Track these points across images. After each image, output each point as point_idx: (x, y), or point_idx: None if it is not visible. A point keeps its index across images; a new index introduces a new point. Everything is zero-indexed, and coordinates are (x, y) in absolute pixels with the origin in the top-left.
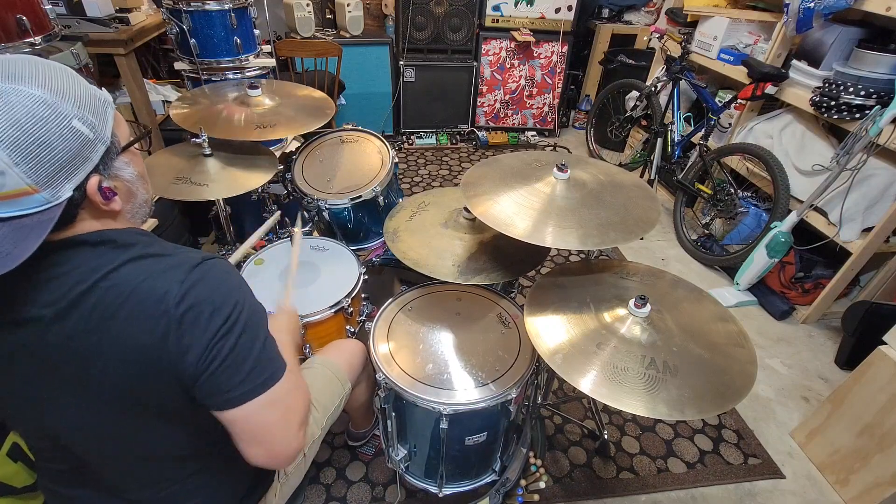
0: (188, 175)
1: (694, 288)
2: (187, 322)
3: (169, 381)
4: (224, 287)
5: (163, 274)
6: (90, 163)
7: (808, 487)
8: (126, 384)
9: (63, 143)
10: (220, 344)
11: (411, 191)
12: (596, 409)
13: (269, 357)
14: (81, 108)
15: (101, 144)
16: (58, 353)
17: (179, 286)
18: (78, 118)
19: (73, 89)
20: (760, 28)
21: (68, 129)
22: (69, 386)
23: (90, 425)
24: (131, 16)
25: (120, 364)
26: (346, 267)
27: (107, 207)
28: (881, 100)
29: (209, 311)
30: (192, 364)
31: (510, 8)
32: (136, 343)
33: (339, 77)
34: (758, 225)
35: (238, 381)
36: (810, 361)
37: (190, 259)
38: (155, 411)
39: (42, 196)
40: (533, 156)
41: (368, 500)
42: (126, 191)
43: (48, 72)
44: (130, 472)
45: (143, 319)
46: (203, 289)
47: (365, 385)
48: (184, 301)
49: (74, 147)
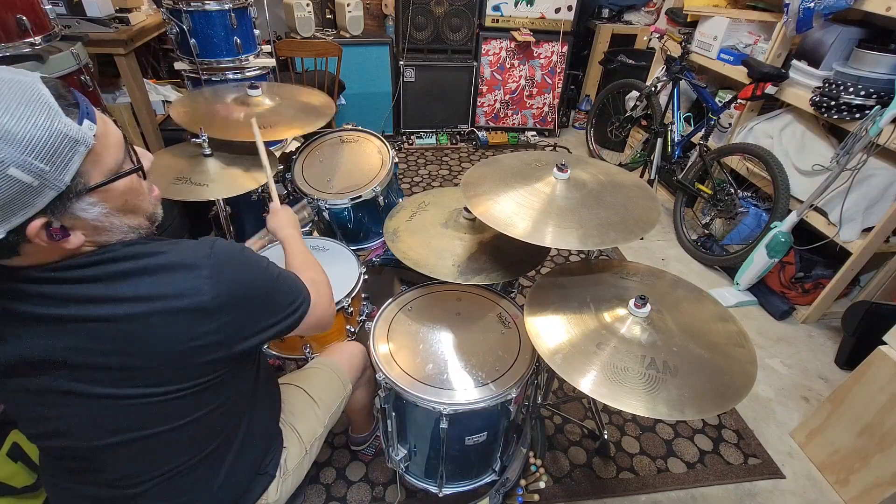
0: (188, 175)
1: (694, 288)
2: (226, 312)
3: (211, 360)
4: (244, 266)
5: (184, 271)
6: (32, 208)
7: (808, 487)
8: (159, 375)
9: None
10: (263, 320)
11: (411, 191)
12: (596, 409)
13: (297, 290)
14: (28, 153)
15: (51, 190)
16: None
17: (207, 282)
18: (17, 165)
19: (23, 130)
20: (760, 28)
21: (1, 178)
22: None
23: (104, 422)
24: (131, 16)
25: (157, 362)
26: (346, 267)
27: (55, 245)
28: (881, 100)
29: (244, 294)
30: (245, 342)
31: (510, 8)
32: (175, 341)
33: (339, 77)
34: (758, 225)
35: (287, 324)
36: (810, 361)
37: (199, 250)
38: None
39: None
40: (533, 156)
41: (368, 500)
42: (91, 227)
43: (1, 106)
44: (133, 467)
45: (177, 321)
46: (229, 275)
47: (365, 388)
48: (219, 296)
49: (8, 195)
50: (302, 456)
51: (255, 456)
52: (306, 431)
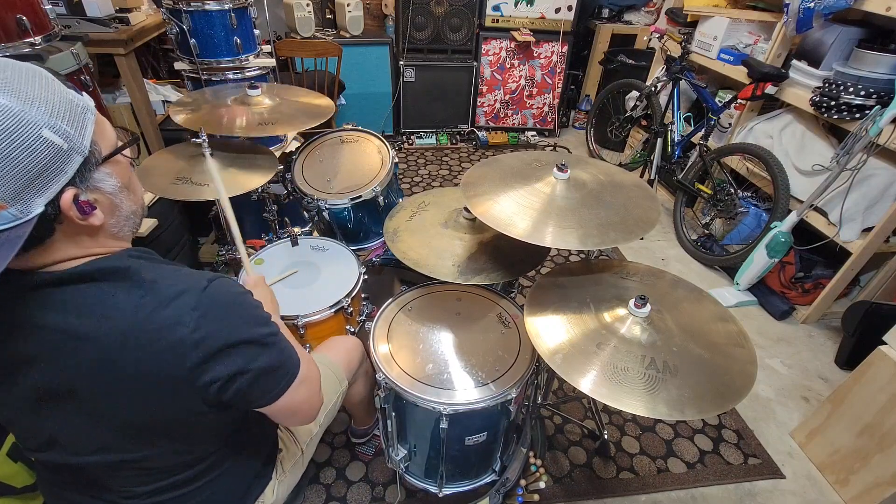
0: (188, 175)
1: (694, 288)
2: (207, 353)
3: (188, 402)
4: (235, 311)
5: (171, 303)
6: (64, 175)
7: (808, 487)
8: (139, 412)
9: (31, 155)
10: (244, 371)
11: (411, 191)
12: (596, 409)
13: (287, 354)
14: (54, 115)
15: (78, 155)
16: (69, 383)
17: (192, 314)
18: (49, 127)
19: (44, 95)
20: (760, 28)
21: (37, 140)
22: (80, 414)
23: (94, 444)
24: (131, 16)
25: (135, 394)
26: (346, 267)
27: (84, 223)
28: (881, 100)
29: (227, 339)
30: (219, 390)
31: (510, 8)
32: (153, 376)
33: (339, 77)
34: (758, 225)
35: (269, 389)
36: (810, 361)
37: (195, 283)
38: (162, 431)
39: (9, 213)
40: (533, 156)
41: (368, 500)
42: (108, 204)
43: (15, 76)
44: (130, 481)
45: (158, 352)
46: (215, 316)
47: (363, 381)
48: (198, 331)
49: (44, 159)
50: (298, 456)
51: (253, 462)
52: (301, 432)
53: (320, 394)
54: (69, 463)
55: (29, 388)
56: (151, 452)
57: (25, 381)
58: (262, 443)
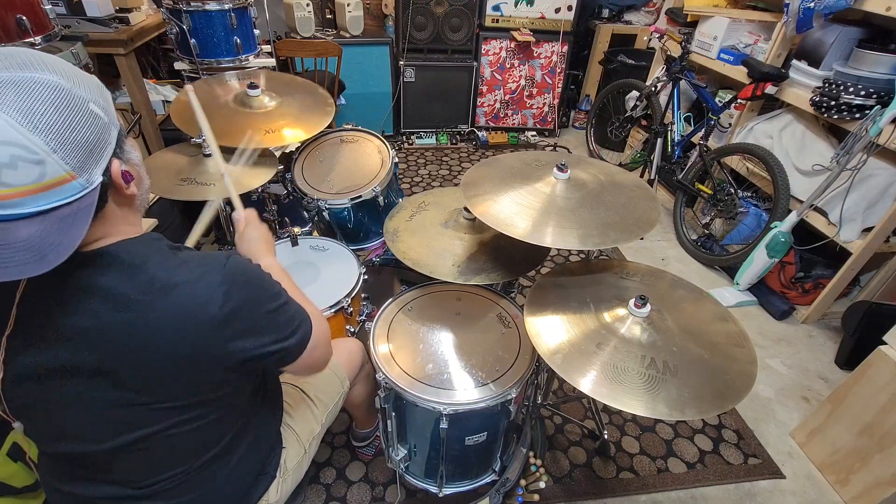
0: (189, 175)
1: (694, 288)
2: (236, 325)
3: (214, 375)
4: (255, 283)
5: (199, 280)
6: (110, 146)
7: (808, 487)
8: (166, 386)
9: (87, 127)
10: (266, 343)
11: (411, 191)
12: (596, 409)
13: (300, 318)
14: (93, 91)
15: (114, 128)
16: (99, 361)
17: (220, 290)
18: (93, 101)
19: (80, 75)
20: (760, 28)
21: (88, 113)
22: (106, 391)
23: (113, 426)
24: (131, 16)
25: (166, 371)
26: (346, 267)
27: (128, 192)
28: (881, 100)
29: (252, 311)
30: (244, 357)
31: (510, 8)
32: (187, 352)
33: (339, 77)
34: (758, 225)
35: (287, 357)
36: (810, 361)
37: (215, 262)
38: (181, 408)
39: (79, 182)
40: (533, 156)
41: (368, 500)
42: (137, 175)
43: (53, 60)
44: (140, 469)
45: (192, 328)
46: (240, 289)
47: (364, 384)
48: (227, 304)
49: (96, 130)
50: (301, 455)
51: (258, 458)
52: (304, 431)
53: (331, 346)
54: (85, 452)
55: (59, 366)
56: (161, 442)
57: (57, 358)
58: (268, 437)
